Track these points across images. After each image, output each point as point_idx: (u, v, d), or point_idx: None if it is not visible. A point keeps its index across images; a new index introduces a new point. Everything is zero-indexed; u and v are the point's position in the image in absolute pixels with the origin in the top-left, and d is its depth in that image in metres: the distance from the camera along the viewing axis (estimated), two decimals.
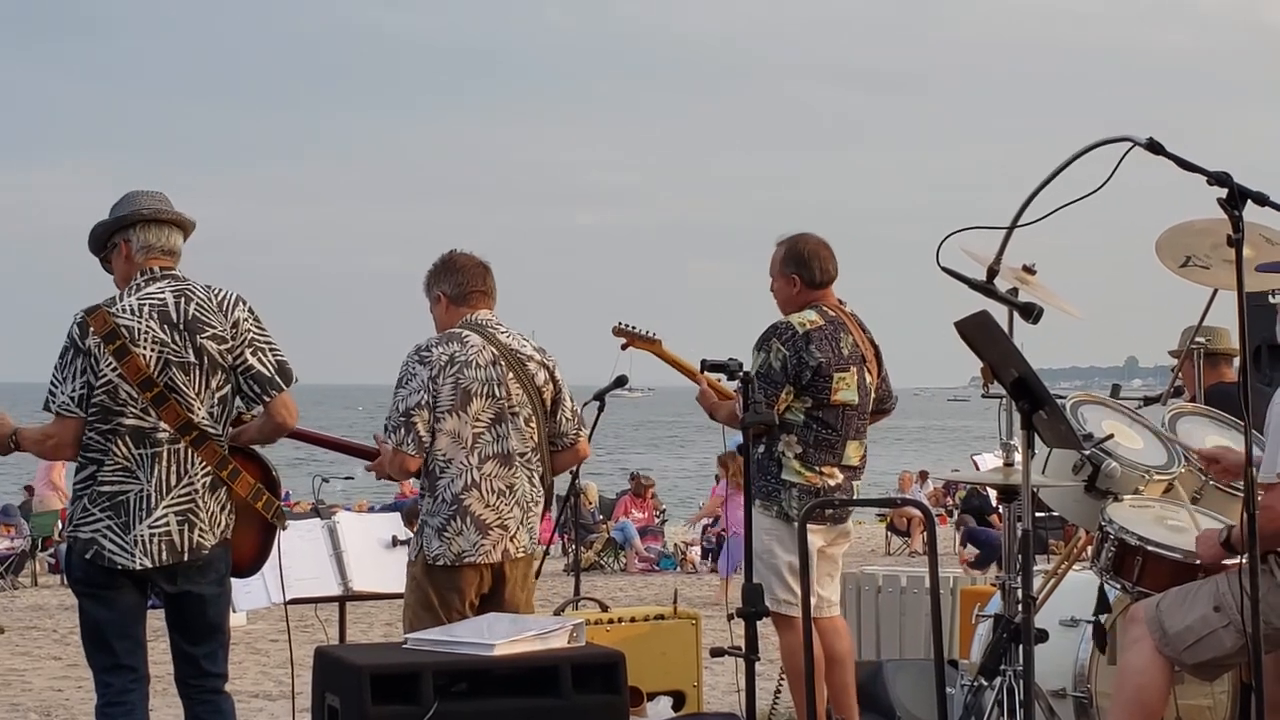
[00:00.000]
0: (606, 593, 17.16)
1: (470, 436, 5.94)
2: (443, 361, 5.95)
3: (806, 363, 6.46)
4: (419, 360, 5.99)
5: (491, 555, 5.95)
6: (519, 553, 6.03)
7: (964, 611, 7.85)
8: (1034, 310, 5.06)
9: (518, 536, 6.01)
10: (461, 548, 5.91)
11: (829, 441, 6.54)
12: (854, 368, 6.61)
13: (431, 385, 5.93)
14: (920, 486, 26.10)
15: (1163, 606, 5.14)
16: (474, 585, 5.97)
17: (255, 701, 9.59)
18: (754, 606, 5.51)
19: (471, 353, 5.99)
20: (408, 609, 6.05)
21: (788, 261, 6.72)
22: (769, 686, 8.33)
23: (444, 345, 6.01)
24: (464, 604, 5.95)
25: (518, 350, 6.09)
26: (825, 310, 6.62)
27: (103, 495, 5.24)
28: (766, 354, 6.49)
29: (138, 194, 5.50)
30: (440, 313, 6.23)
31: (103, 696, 5.35)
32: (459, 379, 5.94)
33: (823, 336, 6.53)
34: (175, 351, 5.24)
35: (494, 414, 5.98)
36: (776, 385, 6.45)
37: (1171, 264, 5.86)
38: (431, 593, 5.94)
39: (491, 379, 5.98)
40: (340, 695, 4.88)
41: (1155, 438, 6.02)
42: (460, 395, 5.93)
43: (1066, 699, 5.98)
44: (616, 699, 4.94)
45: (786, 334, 6.51)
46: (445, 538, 5.92)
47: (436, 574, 5.94)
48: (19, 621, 14.47)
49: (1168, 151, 4.59)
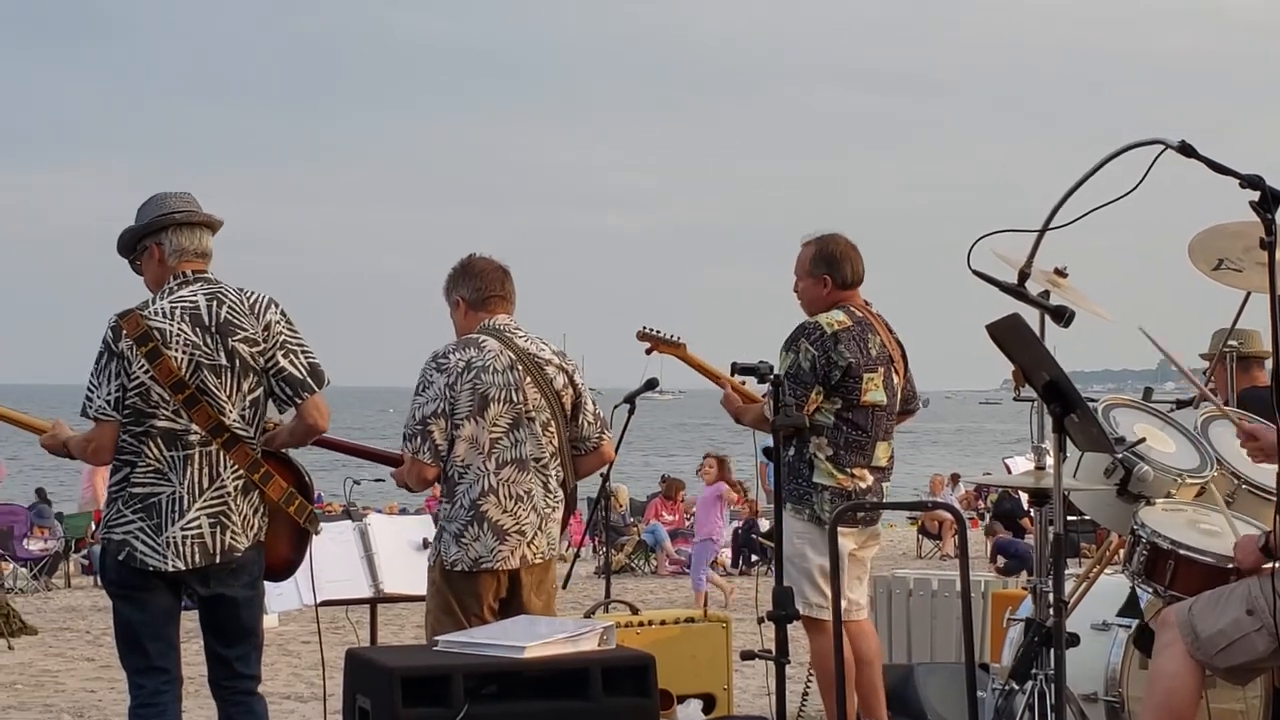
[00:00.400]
0: (637, 595, 17.16)
1: (488, 442, 5.93)
2: (460, 368, 5.94)
3: (836, 363, 6.45)
4: (436, 368, 5.98)
5: (509, 561, 5.94)
6: (536, 558, 6.01)
7: (995, 615, 7.84)
8: (1065, 313, 5.05)
9: (535, 542, 6.00)
10: (478, 553, 5.91)
11: (859, 443, 6.53)
12: (882, 368, 6.60)
13: (449, 392, 5.92)
14: (951, 489, 26.08)
15: (1195, 610, 5.12)
16: (491, 590, 5.96)
17: (287, 703, 9.62)
18: (784, 610, 5.51)
19: (489, 358, 5.98)
20: (429, 614, 6.05)
21: (818, 262, 6.69)
22: (797, 689, 8.33)
23: (461, 351, 6.00)
24: (483, 608, 5.94)
25: (536, 354, 6.07)
26: (853, 311, 6.61)
27: (135, 497, 5.26)
28: (795, 354, 6.48)
29: (166, 196, 5.50)
30: (459, 318, 6.23)
31: (136, 698, 5.38)
32: (476, 384, 5.93)
33: (851, 337, 6.52)
34: (207, 354, 5.26)
35: (511, 419, 5.96)
36: (806, 386, 6.44)
37: (1204, 267, 5.83)
38: (451, 598, 5.94)
39: (509, 384, 5.97)
40: (371, 697, 4.89)
41: (1188, 441, 5.99)
42: (478, 401, 5.92)
43: (1098, 703, 5.96)
44: (647, 702, 4.94)
45: (815, 334, 6.49)
46: (463, 543, 5.92)
47: (455, 579, 5.95)
48: (52, 623, 14.54)
49: (1200, 154, 4.59)
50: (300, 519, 5.44)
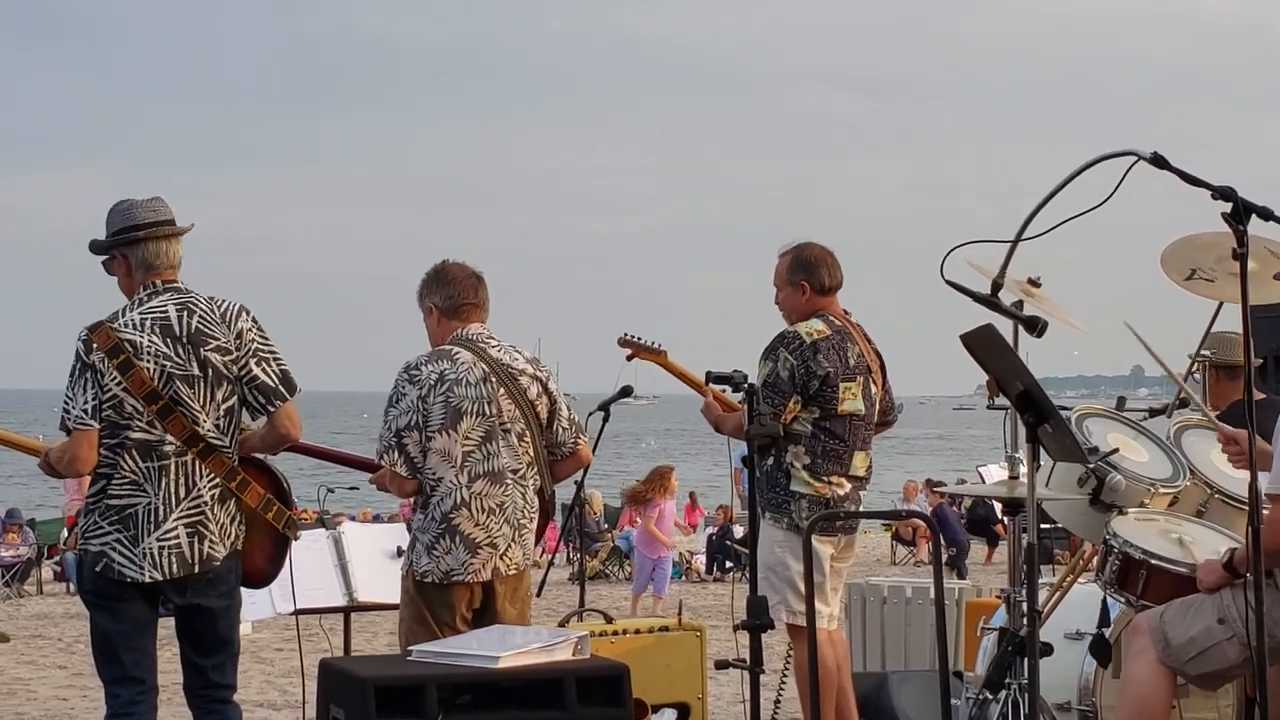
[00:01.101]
0: (611, 602, 17.18)
1: (460, 455, 5.89)
2: (432, 380, 5.91)
3: (814, 372, 6.46)
4: (409, 379, 5.94)
5: (481, 574, 5.92)
6: (510, 570, 5.99)
7: (969, 623, 7.85)
8: (1038, 324, 5.06)
9: (509, 554, 5.97)
10: (450, 566, 5.88)
11: (836, 452, 6.54)
12: (860, 377, 6.61)
13: (421, 405, 5.89)
14: (925, 495, 26.08)
15: (1166, 617, 5.14)
16: (464, 601, 5.94)
17: (260, 711, 9.60)
18: (759, 619, 5.51)
19: (462, 370, 5.94)
20: (402, 622, 6.04)
21: (795, 269, 6.70)
22: (772, 696, 8.33)
23: (434, 363, 5.96)
24: (455, 618, 5.92)
25: (509, 365, 6.03)
26: (831, 320, 6.62)
27: (112, 509, 5.25)
28: (774, 363, 6.49)
29: (133, 206, 5.42)
30: (432, 325, 6.18)
31: (111, 707, 5.36)
32: (449, 397, 5.89)
33: (830, 346, 6.53)
34: (179, 365, 5.24)
35: (484, 432, 5.93)
36: (784, 395, 6.45)
37: (1177, 277, 5.85)
38: (424, 607, 5.93)
39: (482, 396, 5.93)
40: (345, 707, 4.88)
41: (1161, 451, 6.02)
42: (450, 414, 5.89)
43: (1071, 712, 5.98)
44: (621, 712, 4.94)
45: (794, 344, 6.51)
46: (434, 555, 5.89)
47: (427, 590, 5.93)
48: (24, 630, 14.49)
49: (1172, 166, 4.60)
50: (279, 525, 5.42)
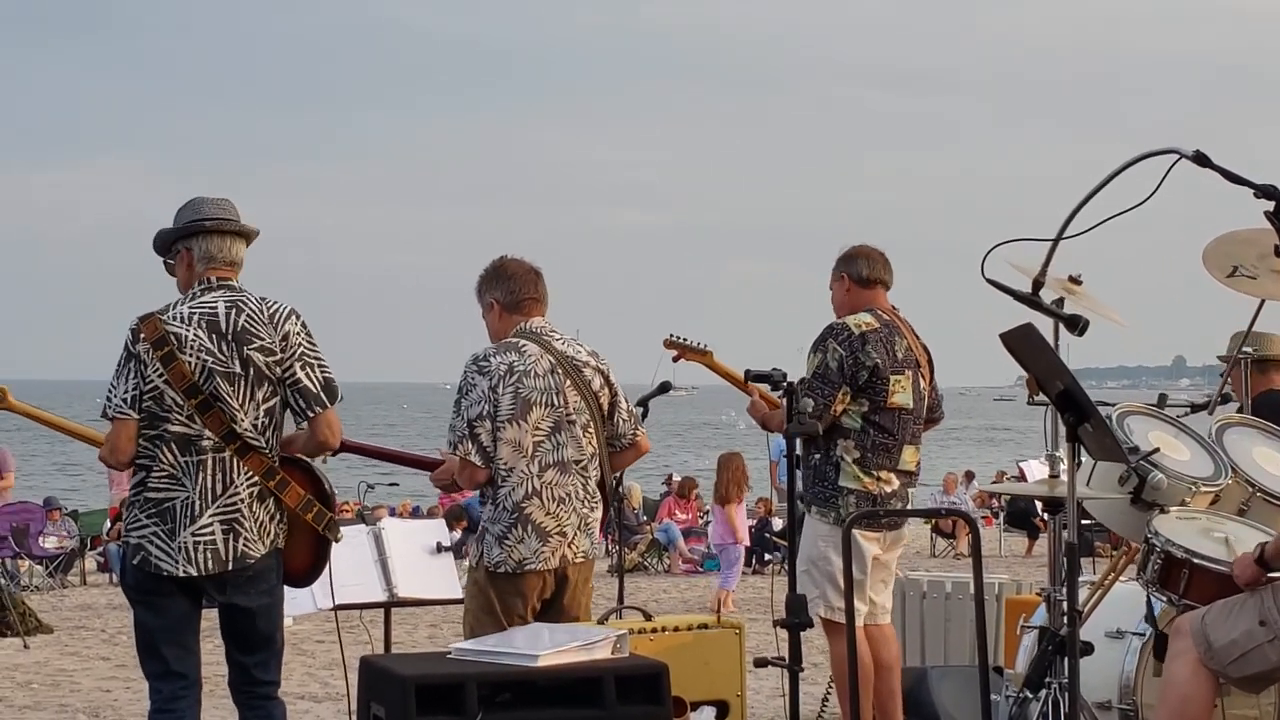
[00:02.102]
0: (650, 594, 17.19)
1: (530, 445, 5.97)
2: (501, 371, 5.98)
3: (863, 363, 6.48)
4: (478, 370, 6.02)
5: (550, 561, 5.99)
6: (578, 558, 6.08)
7: (1009, 618, 7.83)
8: (1079, 323, 5.05)
9: (576, 542, 6.05)
10: (523, 555, 5.95)
11: (886, 446, 6.56)
12: (908, 371, 6.64)
13: (492, 395, 5.96)
14: (965, 488, 26.02)
15: (1208, 620, 5.12)
16: (536, 591, 6.01)
17: (301, 703, 9.63)
18: (797, 617, 5.51)
19: (530, 362, 6.02)
20: (468, 614, 6.09)
21: (838, 264, 6.82)
22: (814, 691, 8.34)
23: (502, 355, 6.04)
24: (526, 609, 6.00)
25: (573, 357, 6.13)
26: (880, 314, 6.67)
27: (150, 502, 5.29)
28: (823, 354, 6.53)
29: (203, 201, 5.52)
30: (493, 320, 6.26)
31: (154, 702, 5.41)
32: (518, 388, 5.97)
33: (878, 339, 6.56)
34: (221, 361, 5.27)
35: (553, 422, 6.02)
36: (833, 386, 6.48)
37: (1218, 274, 5.83)
38: (494, 598, 5.97)
39: (550, 388, 6.02)
40: (385, 705, 4.91)
41: (1202, 448, 5.98)
42: (520, 405, 5.97)
43: (1112, 710, 5.96)
44: (660, 710, 4.96)
45: (843, 335, 6.54)
46: (506, 545, 5.96)
47: (499, 580, 5.98)
48: (67, 621, 14.57)
49: (1214, 164, 4.59)
50: (318, 526, 5.44)
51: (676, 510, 22.49)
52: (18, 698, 10.09)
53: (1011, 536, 24.04)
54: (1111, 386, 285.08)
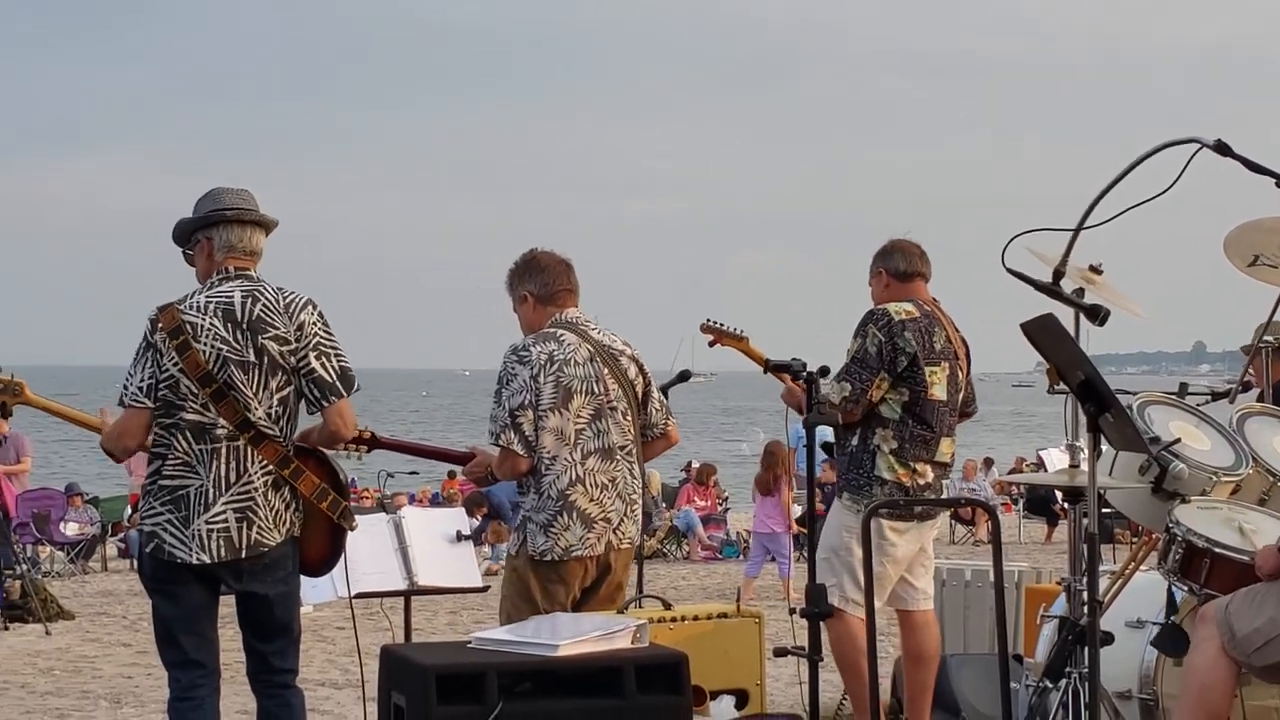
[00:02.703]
0: (669, 581, 17.19)
1: (573, 433, 6.01)
2: (542, 360, 6.01)
3: (901, 349, 6.50)
4: (519, 360, 6.04)
5: (596, 548, 6.03)
6: (623, 544, 6.12)
7: (1029, 607, 7.83)
8: (1100, 313, 5.04)
9: (622, 528, 6.10)
10: (569, 542, 5.99)
11: (924, 439, 6.57)
12: (945, 363, 6.64)
13: (533, 384, 5.98)
14: (985, 474, 25.97)
15: (1231, 608, 5.11)
16: (579, 578, 6.05)
17: (322, 690, 9.67)
18: (817, 607, 5.52)
19: (569, 351, 6.06)
20: (505, 600, 6.12)
21: (876, 258, 6.84)
22: (833, 679, 8.32)
23: (542, 344, 6.06)
24: (568, 596, 6.03)
25: (610, 346, 6.18)
26: (920, 304, 6.68)
27: (164, 490, 5.31)
28: (863, 339, 6.54)
29: (223, 191, 5.54)
30: (527, 312, 6.28)
31: (173, 691, 5.43)
32: (559, 377, 6.00)
33: (917, 328, 6.57)
34: (235, 350, 5.29)
35: (594, 410, 6.05)
36: (871, 371, 6.49)
37: (1239, 263, 5.82)
38: (535, 586, 6.00)
39: (590, 376, 6.06)
40: (406, 694, 4.91)
41: (1223, 438, 5.97)
42: (561, 393, 6.00)
43: (1132, 700, 5.95)
44: (680, 700, 4.96)
45: (883, 320, 6.56)
46: (552, 533, 5.99)
47: (542, 568, 6.01)
48: (89, 607, 14.61)
49: (1235, 153, 4.59)
50: (333, 514, 5.46)
51: (695, 497, 22.49)
52: (40, 684, 10.14)
53: (1031, 523, 24.01)
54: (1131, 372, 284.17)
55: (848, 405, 6.47)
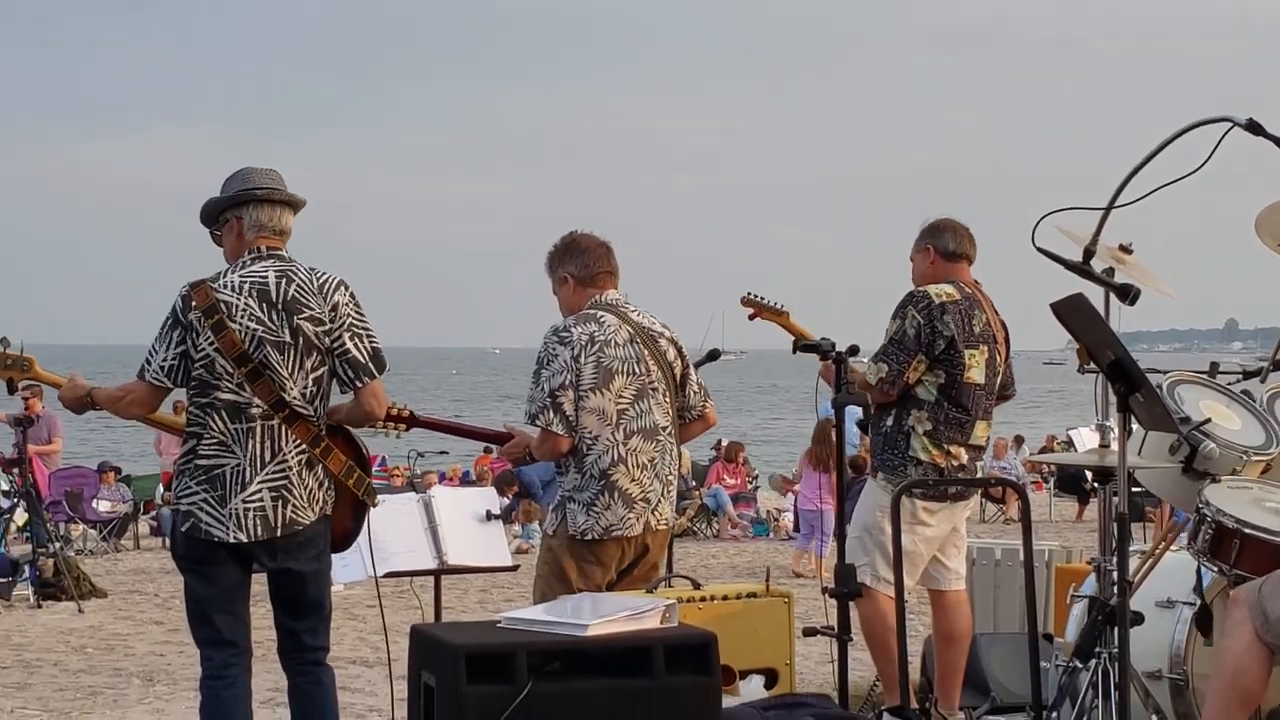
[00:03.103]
0: (699, 559, 17.21)
1: (615, 413, 6.05)
2: (583, 341, 6.04)
3: (940, 332, 6.47)
4: (559, 341, 6.07)
5: (635, 528, 6.07)
6: (660, 525, 6.17)
7: (1059, 587, 7.81)
8: (1130, 292, 5.03)
9: (659, 509, 6.15)
10: (610, 522, 6.03)
11: (959, 421, 6.54)
12: (984, 346, 6.61)
13: (574, 365, 6.02)
14: (1015, 452, 25.92)
15: (1264, 591, 5.08)
16: (615, 559, 6.10)
17: (353, 668, 9.71)
18: (846, 587, 5.52)
19: (610, 332, 6.09)
20: (540, 579, 6.15)
21: (923, 235, 6.79)
22: (863, 658, 8.32)
23: (582, 325, 6.10)
24: (604, 577, 6.08)
25: (649, 328, 6.21)
26: (962, 286, 6.64)
27: (200, 469, 5.33)
28: (902, 321, 6.52)
29: (251, 171, 5.56)
30: (567, 294, 6.31)
31: (206, 669, 5.47)
32: (600, 358, 6.04)
33: (958, 310, 6.54)
34: (271, 330, 5.31)
35: (636, 390, 6.09)
36: (909, 353, 6.46)
37: (1271, 242, 5.79)
38: (570, 565, 6.04)
39: (631, 356, 6.10)
40: (436, 674, 4.93)
41: (1254, 417, 5.95)
42: (603, 374, 6.04)
43: (1162, 680, 5.94)
44: (709, 680, 4.96)
45: (923, 303, 6.52)
46: (594, 512, 6.03)
47: (580, 548, 6.05)
48: (121, 585, 14.69)
49: (1268, 132, 4.57)
50: (359, 491, 5.51)
51: (725, 475, 22.50)
52: (72, 662, 10.20)
53: (1062, 502, 23.95)
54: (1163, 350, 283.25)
55: (884, 386, 6.46)
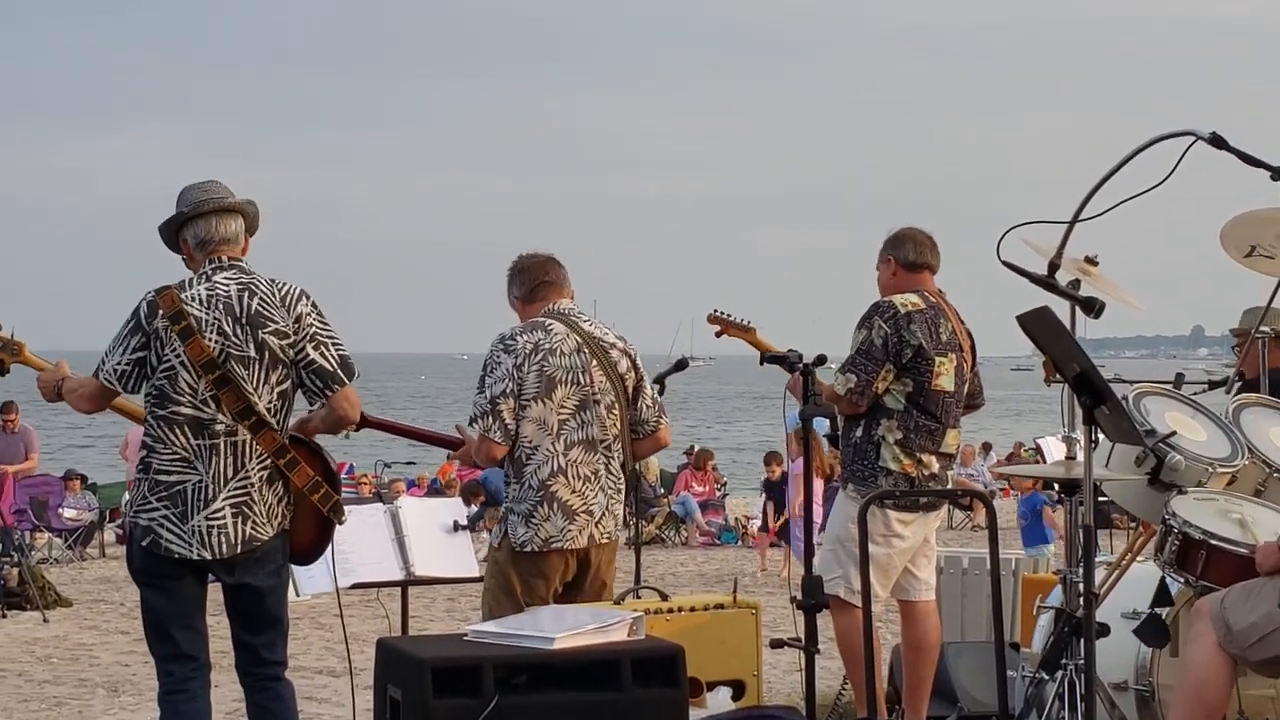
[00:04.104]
0: (668, 567, 17.21)
1: (556, 423, 6.03)
2: (527, 349, 6.04)
3: (907, 341, 6.46)
4: (504, 349, 6.08)
5: (578, 541, 6.04)
6: (604, 538, 6.13)
7: (1026, 596, 7.83)
8: (1095, 305, 5.05)
9: (603, 522, 6.11)
10: (549, 533, 6.00)
11: (930, 429, 6.53)
12: (952, 354, 6.61)
13: (516, 373, 6.02)
14: (983, 459, 25.99)
15: (1227, 603, 5.11)
16: (559, 571, 6.07)
17: (319, 678, 9.66)
18: (814, 598, 5.52)
19: (555, 340, 6.08)
20: (487, 593, 6.13)
21: (886, 246, 6.77)
22: (830, 666, 8.33)
23: (529, 334, 6.10)
24: (548, 590, 6.04)
25: (600, 338, 6.19)
26: (926, 295, 6.64)
27: (160, 485, 5.28)
28: (869, 331, 6.50)
29: (186, 189, 5.53)
30: (519, 316, 6.35)
31: (164, 685, 5.41)
32: (544, 366, 6.03)
33: (923, 319, 6.53)
34: (236, 346, 5.28)
35: (579, 401, 6.07)
36: (876, 363, 6.45)
37: (1236, 254, 5.83)
38: (515, 578, 6.02)
39: (575, 366, 6.07)
40: (402, 687, 4.92)
41: (1219, 429, 5.97)
42: (545, 382, 6.02)
43: (1128, 691, 5.96)
44: (676, 692, 4.97)
45: (888, 312, 6.51)
46: (533, 524, 6.00)
47: (522, 560, 6.02)
48: (87, 594, 14.59)
49: (1231, 146, 4.60)
50: (324, 508, 5.45)
51: (694, 483, 22.50)
52: (37, 672, 10.14)
53: None
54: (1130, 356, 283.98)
55: (853, 397, 6.45)
